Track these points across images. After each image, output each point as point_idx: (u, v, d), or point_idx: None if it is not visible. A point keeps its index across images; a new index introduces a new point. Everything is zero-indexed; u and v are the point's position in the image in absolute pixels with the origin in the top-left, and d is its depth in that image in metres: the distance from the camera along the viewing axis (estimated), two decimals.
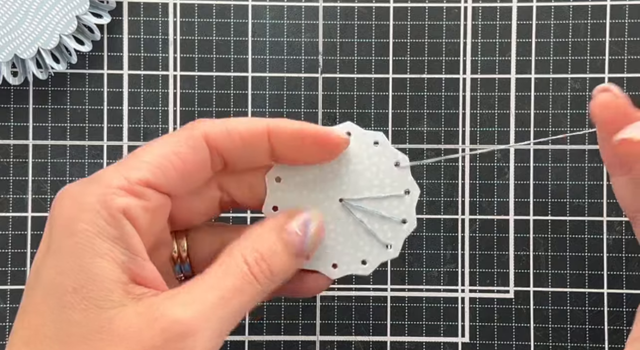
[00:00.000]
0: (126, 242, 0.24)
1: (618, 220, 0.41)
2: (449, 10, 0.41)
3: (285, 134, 0.27)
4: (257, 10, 0.41)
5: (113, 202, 0.24)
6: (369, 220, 0.29)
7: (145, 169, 0.25)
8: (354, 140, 0.29)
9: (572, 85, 0.41)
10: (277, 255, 0.26)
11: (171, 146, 0.26)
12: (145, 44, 0.41)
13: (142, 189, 0.25)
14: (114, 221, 0.24)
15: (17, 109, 0.41)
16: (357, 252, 0.29)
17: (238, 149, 0.27)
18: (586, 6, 0.41)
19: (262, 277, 0.25)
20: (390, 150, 0.29)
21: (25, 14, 0.39)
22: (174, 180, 0.25)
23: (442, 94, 0.41)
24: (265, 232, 0.26)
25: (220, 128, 0.26)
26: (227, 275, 0.24)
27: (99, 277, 0.23)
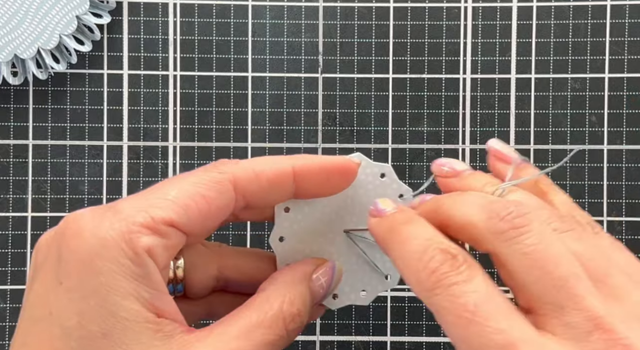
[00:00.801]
0: (149, 279, 0.23)
1: (618, 220, 0.41)
2: (449, 10, 0.41)
3: (310, 172, 0.27)
4: (257, 10, 0.41)
5: (139, 241, 0.23)
6: (370, 251, 0.29)
7: (170, 209, 0.24)
8: (362, 171, 0.29)
9: (572, 85, 0.41)
10: (307, 307, 0.26)
11: (198, 188, 0.25)
12: (145, 44, 0.41)
13: (165, 229, 0.24)
14: (139, 260, 0.23)
15: (17, 109, 0.41)
16: (357, 282, 0.29)
17: (265, 192, 0.27)
18: (586, 6, 0.41)
19: (292, 333, 0.25)
20: (396, 183, 0.30)
21: (25, 14, 0.39)
22: (197, 221, 0.25)
23: (442, 94, 0.41)
24: (297, 281, 0.27)
25: (248, 173, 0.26)
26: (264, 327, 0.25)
27: (128, 320, 0.22)
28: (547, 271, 0.22)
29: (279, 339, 0.25)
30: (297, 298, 0.26)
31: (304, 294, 0.26)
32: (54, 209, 0.41)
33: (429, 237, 0.24)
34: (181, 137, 0.41)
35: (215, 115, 0.41)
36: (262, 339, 0.24)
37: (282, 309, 0.25)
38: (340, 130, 0.41)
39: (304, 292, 0.26)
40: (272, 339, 0.24)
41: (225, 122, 0.41)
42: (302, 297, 0.26)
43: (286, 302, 0.25)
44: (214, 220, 0.26)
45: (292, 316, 0.25)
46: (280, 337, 0.25)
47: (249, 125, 0.41)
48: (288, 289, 0.26)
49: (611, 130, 0.41)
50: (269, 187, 0.26)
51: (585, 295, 0.22)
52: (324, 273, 0.28)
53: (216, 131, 0.41)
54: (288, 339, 0.25)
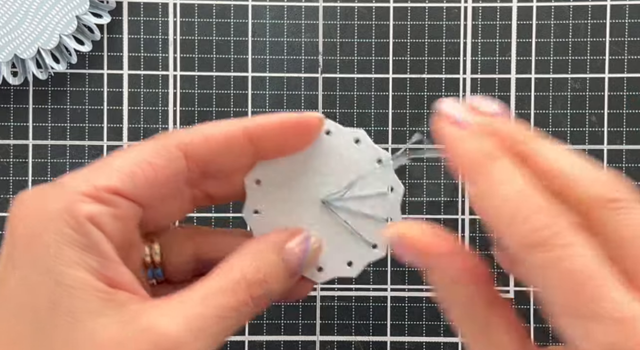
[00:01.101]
0: (96, 249, 0.23)
1: None
2: (449, 10, 0.41)
3: (266, 130, 0.26)
4: (257, 10, 0.41)
5: (80, 209, 0.23)
6: (352, 220, 0.28)
7: (115, 177, 0.24)
8: (334, 138, 0.28)
9: (572, 85, 0.41)
10: (277, 276, 0.25)
11: (144, 155, 0.25)
12: (145, 44, 0.41)
13: (109, 197, 0.23)
14: (82, 229, 0.22)
15: (17, 109, 0.41)
16: (342, 253, 0.28)
17: (217, 155, 0.26)
18: (586, 6, 0.41)
19: (259, 300, 0.24)
20: (372, 148, 0.28)
21: (25, 14, 0.39)
22: (145, 189, 0.24)
23: (442, 94, 0.41)
24: (265, 250, 0.25)
25: (196, 137, 0.25)
26: (225, 293, 0.24)
27: (74, 289, 0.22)
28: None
29: (242, 305, 0.24)
30: (264, 266, 0.25)
31: (273, 262, 0.25)
32: None
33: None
34: None
35: (215, 116, 0.41)
36: (222, 303, 0.23)
37: (246, 275, 0.24)
38: None
39: (274, 260, 0.25)
40: (234, 304, 0.23)
41: None
42: (271, 265, 0.25)
43: (251, 267, 0.24)
44: (165, 188, 0.25)
45: (258, 282, 0.24)
46: (244, 303, 0.24)
47: None
48: (255, 257, 0.25)
49: (611, 130, 0.41)
50: (220, 150, 0.25)
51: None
52: (298, 242, 0.26)
53: None
54: (254, 307, 0.24)
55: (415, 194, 0.41)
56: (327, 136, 0.28)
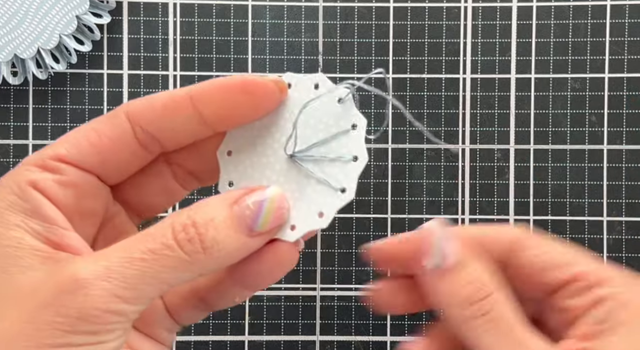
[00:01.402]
0: (39, 213, 0.24)
1: (618, 220, 0.41)
2: (449, 10, 0.41)
3: (208, 93, 0.25)
4: (257, 10, 0.41)
5: (22, 176, 0.24)
6: (319, 168, 0.26)
7: (59, 145, 0.25)
8: (295, 89, 0.26)
9: (572, 85, 0.41)
10: (216, 226, 0.24)
11: (91, 124, 0.25)
12: (145, 44, 0.41)
13: (54, 164, 0.24)
14: (23, 194, 0.24)
15: (17, 108, 0.41)
16: (311, 205, 0.26)
17: (162, 120, 0.25)
18: (586, 6, 0.41)
19: (187, 245, 0.23)
20: (332, 88, 0.26)
21: (25, 14, 0.39)
22: (91, 155, 0.25)
23: (442, 94, 0.41)
24: (211, 202, 0.24)
25: (141, 102, 0.25)
26: (145, 237, 0.23)
27: (9, 247, 0.23)
28: None
29: (164, 247, 0.23)
30: (198, 213, 0.24)
31: (213, 211, 0.24)
32: None
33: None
34: None
35: None
36: (142, 247, 0.22)
37: (173, 221, 0.23)
38: None
39: (216, 210, 0.24)
40: (153, 247, 0.23)
41: None
42: (209, 213, 0.24)
43: (182, 216, 0.23)
44: (115, 155, 0.25)
45: (183, 226, 0.23)
46: (166, 246, 0.23)
47: None
48: (195, 207, 0.24)
49: (611, 130, 0.41)
50: (165, 113, 0.25)
51: None
52: (252, 196, 0.25)
53: None
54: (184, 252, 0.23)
55: (415, 194, 0.41)
56: (289, 90, 0.27)
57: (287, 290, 0.41)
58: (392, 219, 0.41)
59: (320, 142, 0.26)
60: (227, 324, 0.41)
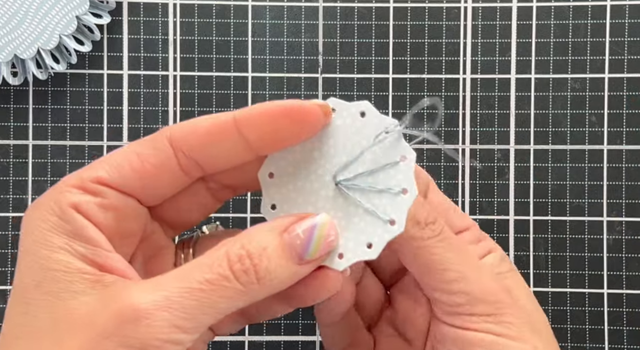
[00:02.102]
0: (82, 235, 0.24)
1: (618, 220, 0.41)
2: (449, 10, 0.41)
3: (254, 118, 0.24)
4: (257, 10, 0.41)
5: (63, 198, 0.24)
6: (366, 198, 0.26)
7: (100, 168, 0.25)
8: (339, 116, 0.26)
9: (572, 85, 0.41)
10: (269, 256, 0.24)
11: (133, 147, 0.25)
12: (145, 44, 0.41)
13: (95, 187, 0.24)
14: (65, 216, 0.24)
15: (17, 109, 0.41)
16: (360, 235, 0.26)
17: (207, 146, 0.25)
18: (586, 6, 0.41)
19: (242, 276, 0.23)
20: (378, 118, 0.26)
21: (25, 14, 0.39)
22: (134, 180, 0.25)
23: (442, 94, 0.41)
24: (262, 230, 0.24)
25: (185, 126, 0.25)
26: (202, 267, 0.23)
27: (57, 271, 0.23)
28: None
29: (221, 278, 0.23)
30: (252, 242, 0.24)
31: (265, 240, 0.24)
32: None
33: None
34: None
35: None
36: (197, 277, 0.23)
37: (228, 250, 0.24)
38: None
39: (267, 239, 0.24)
40: (211, 277, 0.23)
41: None
42: (262, 242, 0.24)
43: (236, 245, 0.24)
44: (157, 180, 0.25)
45: (239, 256, 0.23)
46: (223, 277, 0.23)
47: None
48: (246, 236, 0.24)
49: (611, 130, 0.41)
50: (209, 139, 0.25)
51: None
52: (302, 224, 0.25)
53: None
54: (239, 282, 0.23)
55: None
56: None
57: None
58: None
59: (367, 172, 0.26)
60: None
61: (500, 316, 0.26)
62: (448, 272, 0.27)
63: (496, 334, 0.26)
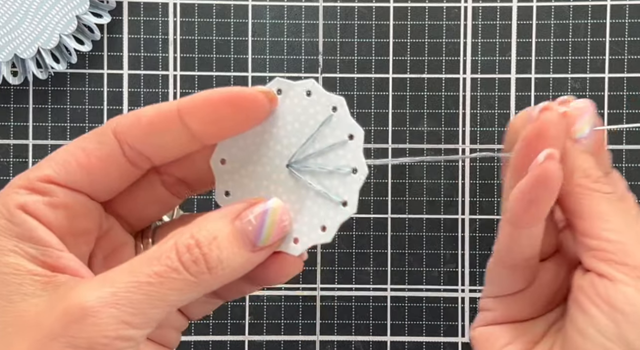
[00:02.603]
0: (32, 236, 0.23)
1: None
2: (449, 10, 0.41)
3: (195, 107, 0.24)
4: (257, 10, 0.41)
5: (11, 200, 0.23)
6: (317, 179, 0.25)
7: (47, 166, 0.24)
8: (286, 96, 0.26)
9: (572, 85, 0.41)
10: (219, 245, 0.23)
11: (78, 142, 0.25)
12: (145, 44, 0.41)
13: (43, 186, 0.24)
14: (13, 218, 0.23)
15: (17, 108, 0.41)
16: (313, 218, 0.25)
17: (150, 136, 0.24)
18: (586, 6, 0.41)
19: (192, 267, 0.22)
20: (325, 97, 0.25)
21: (25, 14, 0.39)
22: (80, 176, 0.24)
23: (442, 94, 0.41)
24: (213, 218, 0.24)
25: (128, 117, 0.24)
26: (150, 260, 0.22)
27: (7, 274, 0.23)
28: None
29: (170, 270, 0.22)
30: (201, 231, 0.23)
31: (215, 228, 0.23)
32: None
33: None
34: None
35: None
36: (146, 270, 0.22)
37: (177, 241, 0.23)
38: None
39: (218, 227, 0.23)
40: (159, 269, 0.22)
41: None
42: (212, 231, 0.23)
43: (185, 235, 0.23)
44: (104, 174, 0.25)
45: (187, 246, 0.23)
46: (172, 269, 0.22)
47: None
48: (197, 224, 0.23)
49: (611, 130, 0.41)
50: (152, 129, 0.24)
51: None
52: (255, 210, 0.24)
53: None
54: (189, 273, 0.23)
55: (415, 194, 0.41)
56: (279, 96, 0.26)
57: (287, 290, 0.41)
58: (392, 219, 0.41)
59: (317, 153, 0.26)
60: (227, 324, 0.41)
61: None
62: (608, 227, 0.26)
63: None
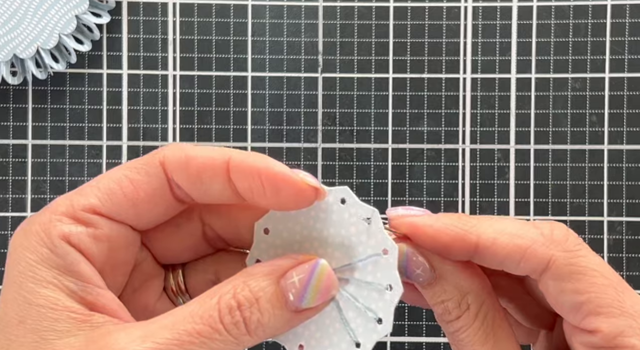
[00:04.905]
0: (72, 270, 0.22)
1: (618, 220, 0.41)
2: (449, 10, 0.41)
3: (242, 170, 0.23)
4: (257, 10, 0.41)
5: (54, 228, 0.22)
6: (347, 305, 0.25)
7: (92, 195, 0.23)
8: (346, 209, 0.25)
9: (572, 85, 0.41)
10: (262, 307, 0.23)
11: (125, 171, 0.24)
12: (144, 44, 0.41)
13: (87, 216, 0.23)
14: (56, 248, 0.22)
15: (16, 108, 0.41)
16: (326, 339, 0.25)
17: (197, 183, 0.24)
18: (586, 6, 0.41)
19: (233, 329, 0.22)
20: (382, 234, 0.25)
21: (25, 14, 0.39)
22: (126, 208, 0.23)
23: (442, 94, 0.41)
24: (258, 275, 0.23)
25: (178, 157, 0.24)
26: (193, 318, 0.22)
27: (42, 307, 0.22)
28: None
29: (211, 331, 0.22)
30: (244, 290, 0.23)
31: (259, 288, 0.23)
32: None
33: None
34: (181, 137, 0.41)
35: (215, 115, 0.41)
36: (187, 328, 0.22)
37: (220, 301, 0.22)
38: (340, 130, 0.41)
39: (262, 286, 0.23)
40: (201, 329, 0.22)
41: (224, 122, 0.41)
42: (255, 291, 0.23)
43: (228, 294, 0.22)
44: (149, 207, 0.24)
45: (230, 309, 0.22)
46: (213, 330, 0.22)
47: (248, 125, 0.41)
48: (241, 281, 0.23)
49: (611, 130, 0.41)
50: (200, 177, 0.24)
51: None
52: (300, 270, 0.23)
53: (216, 131, 0.41)
54: (229, 334, 0.22)
55: (415, 194, 0.41)
56: (342, 205, 0.25)
57: None
58: None
59: (354, 262, 0.25)
60: None
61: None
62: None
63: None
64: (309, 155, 0.41)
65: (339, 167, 0.41)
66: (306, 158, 0.41)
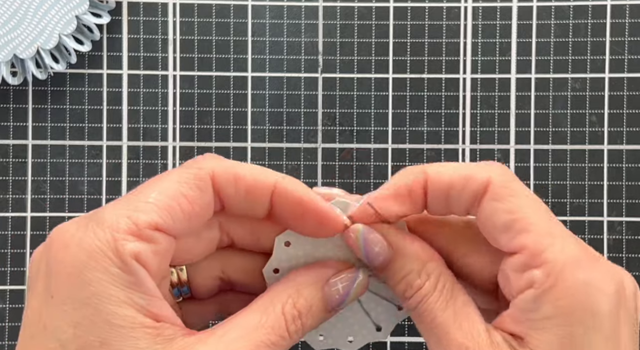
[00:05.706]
0: (142, 286, 0.23)
1: (618, 221, 0.41)
2: (449, 10, 0.41)
3: (288, 198, 0.26)
4: (257, 10, 0.41)
5: (125, 248, 0.23)
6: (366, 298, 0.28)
7: (154, 212, 0.24)
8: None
9: (572, 85, 0.41)
10: (314, 314, 0.26)
11: (180, 186, 0.25)
12: (144, 44, 0.41)
13: (151, 233, 0.24)
14: (128, 268, 0.23)
15: (16, 108, 0.41)
16: (347, 327, 0.28)
17: (241, 200, 0.26)
18: (586, 6, 0.41)
19: (295, 335, 0.25)
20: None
21: (25, 14, 0.39)
22: (182, 223, 0.25)
23: (442, 94, 0.41)
24: (306, 283, 0.26)
25: (228, 174, 0.25)
26: (265, 328, 0.24)
27: (123, 327, 0.22)
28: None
29: (281, 339, 0.25)
30: (301, 300, 0.25)
31: (311, 296, 0.26)
32: (53, 209, 0.41)
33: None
34: (181, 137, 0.41)
35: (214, 115, 0.41)
36: (263, 339, 0.24)
37: (284, 311, 0.25)
38: (340, 130, 0.41)
39: (313, 294, 0.26)
40: (274, 339, 0.24)
41: (224, 122, 0.41)
42: (309, 299, 0.25)
43: (289, 304, 0.25)
44: (198, 220, 0.25)
45: (293, 318, 0.25)
46: (282, 338, 0.25)
47: (248, 125, 0.41)
48: (295, 290, 0.25)
49: (611, 130, 0.41)
50: (247, 197, 0.26)
51: None
52: (343, 279, 0.26)
53: (216, 131, 0.41)
54: (290, 340, 0.25)
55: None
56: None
57: None
58: None
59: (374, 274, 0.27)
60: None
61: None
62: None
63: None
64: (309, 156, 0.41)
65: (339, 167, 0.41)
66: (306, 158, 0.41)
